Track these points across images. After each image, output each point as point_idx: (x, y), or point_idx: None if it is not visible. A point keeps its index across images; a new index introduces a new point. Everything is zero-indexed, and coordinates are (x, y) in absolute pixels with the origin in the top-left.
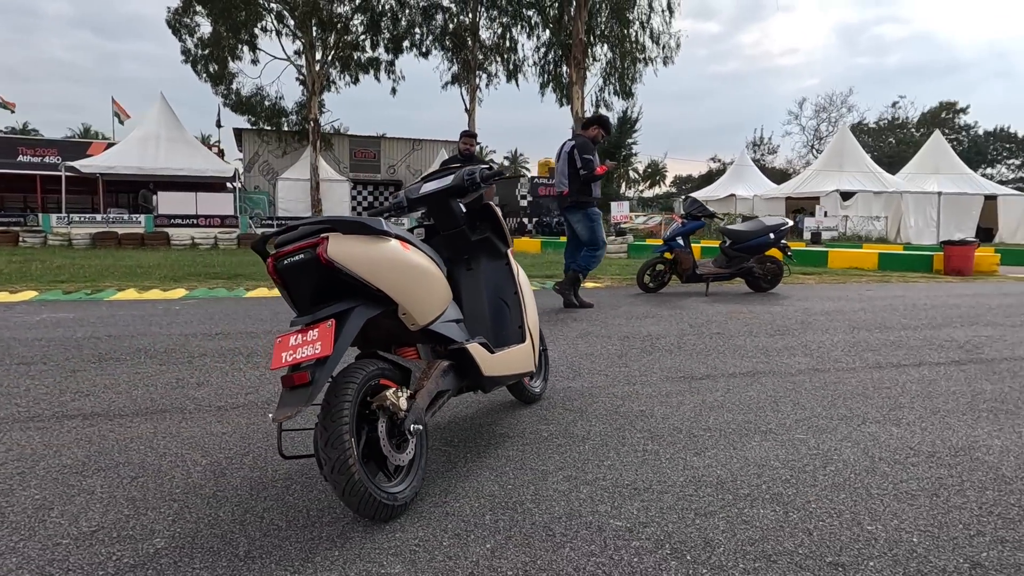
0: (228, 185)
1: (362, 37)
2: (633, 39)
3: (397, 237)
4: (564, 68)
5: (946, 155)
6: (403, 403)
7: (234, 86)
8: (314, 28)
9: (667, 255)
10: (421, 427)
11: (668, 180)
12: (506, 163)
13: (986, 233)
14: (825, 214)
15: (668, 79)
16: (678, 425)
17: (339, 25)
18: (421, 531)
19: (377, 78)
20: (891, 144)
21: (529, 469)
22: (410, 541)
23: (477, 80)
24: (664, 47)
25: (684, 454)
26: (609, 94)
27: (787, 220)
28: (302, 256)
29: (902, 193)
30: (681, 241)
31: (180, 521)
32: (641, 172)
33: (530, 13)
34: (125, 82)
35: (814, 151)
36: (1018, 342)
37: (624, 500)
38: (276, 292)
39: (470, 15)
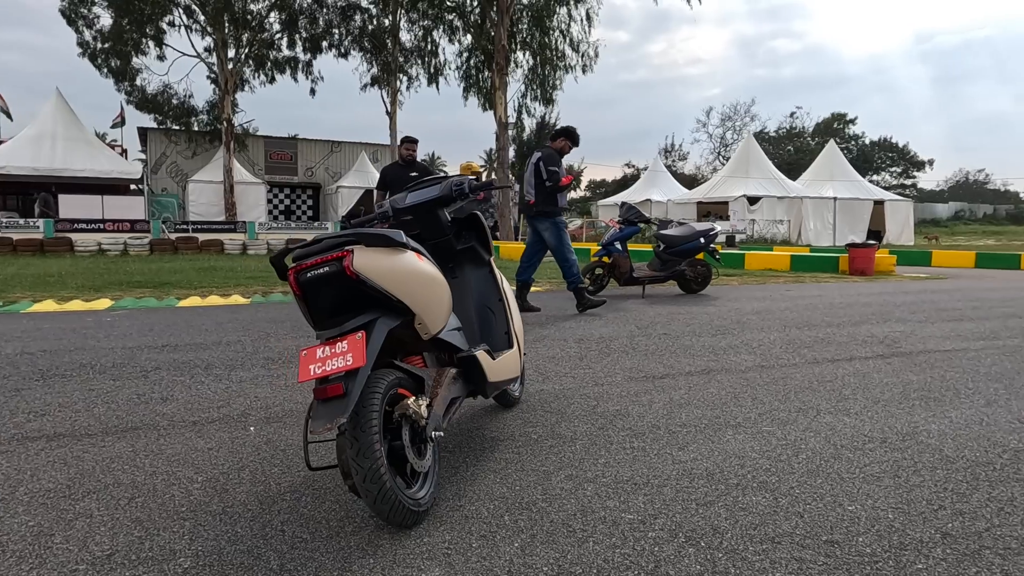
0: (133, 187)
1: (278, 35)
2: (553, 47)
3: (413, 249)
4: (487, 73)
5: (840, 163)
6: (424, 411)
7: (139, 82)
8: (227, 25)
9: (605, 259)
10: (441, 433)
11: (583, 184)
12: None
13: (875, 235)
14: (735, 217)
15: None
16: (655, 422)
17: (254, 23)
18: (447, 535)
19: (294, 78)
20: (789, 152)
21: (530, 470)
22: (439, 545)
23: (398, 83)
24: (583, 55)
25: (669, 449)
26: (531, 100)
27: (715, 225)
28: (327, 269)
29: (803, 198)
30: (619, 246)
31: (198, 540)
32: None
33: (451, 17)
34: (4, 75)
35: (721, 158)
36: (928, 336)
37: (628, 495)
38: (211, 301)
39: (390, 17)
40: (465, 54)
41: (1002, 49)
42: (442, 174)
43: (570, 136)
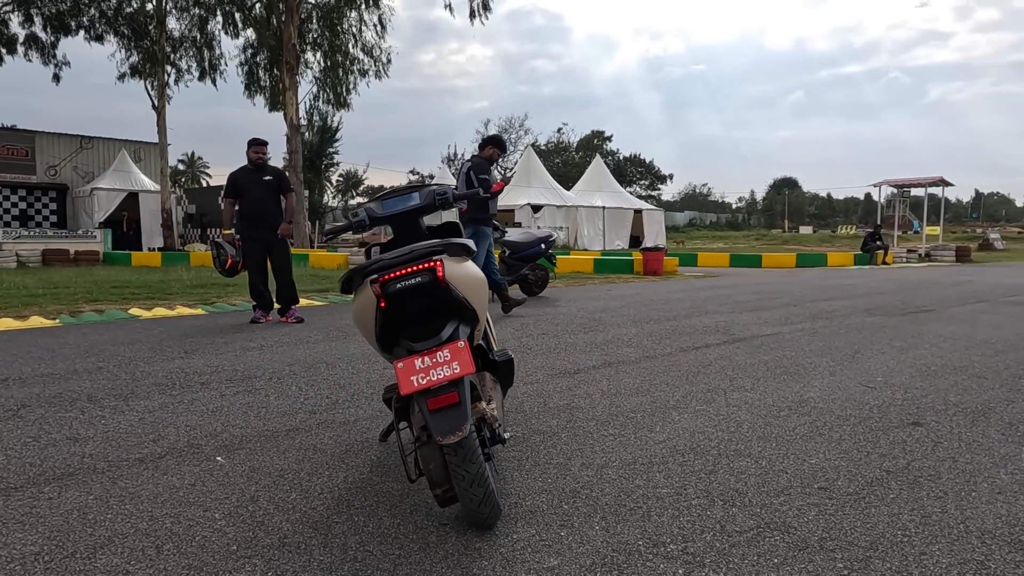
0: None
1: (7, 8)
2: (346, 50)
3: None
4: (275, 72)
5: (605, 175)
6: (497, 414)
7: None
8: None
9: None
10: (509, 434)
11: (360, 189)
12: (181, 167)
13: (635, 240)
14: (529, 223)
15: (361, 91)
16: (610, 412)
17: None
18: (529, 529)
19: (28, 58)
20: (558, 164)
21: (545, 463)
22: (533, 539)
23: (165, 75)
24: (377, 60)
25: (641, 432)
26: (323, 103)
27: (552, 232)
28: (419, 279)
29: (578, 207)
30: None
31: (293, 572)
32: (333, 182)
33: (230, 8)
34: None
35: (498, 168)
36: (745, 324)
37: (646, 473)
38: (6, 325)
39: (154, 0)
40: (250, 50)
41: (713, 83)
42: (417, 183)
43: (498, 144)
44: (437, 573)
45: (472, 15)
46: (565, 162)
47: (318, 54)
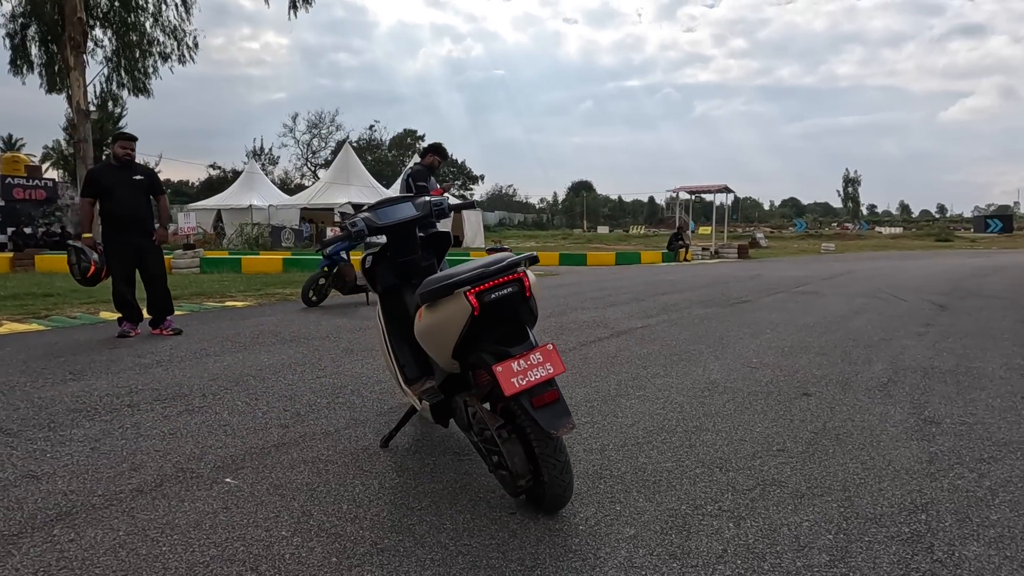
0: None
1: None
2: (143, 30)
3: None
4: (52, 47)
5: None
6: None
7: None
8: None
9: (325, 269)
10: None
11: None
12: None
13: (456, 240)
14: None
15: None
16: (574, 401)
17: None
18: (589, 508)
19: None
20: (370, 162)
21: (582, 450)
22: (598, 514)
23: None
24: (181, 43)
25: (607, 418)
26: (117, 87)
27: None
28: (510, 289)
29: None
30: (344, 255)
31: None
32: None
33: None
34: None
35: (309, 164)
36: (616, 319)
37: (644, 452)
38: None
39: None
40: (20, 19)
41: (512, 88)
42: (411, 193)
43: (438, 152)
44: (541, 554)
45: (293, 6)
46: (378, 160)
47: (108, 32)
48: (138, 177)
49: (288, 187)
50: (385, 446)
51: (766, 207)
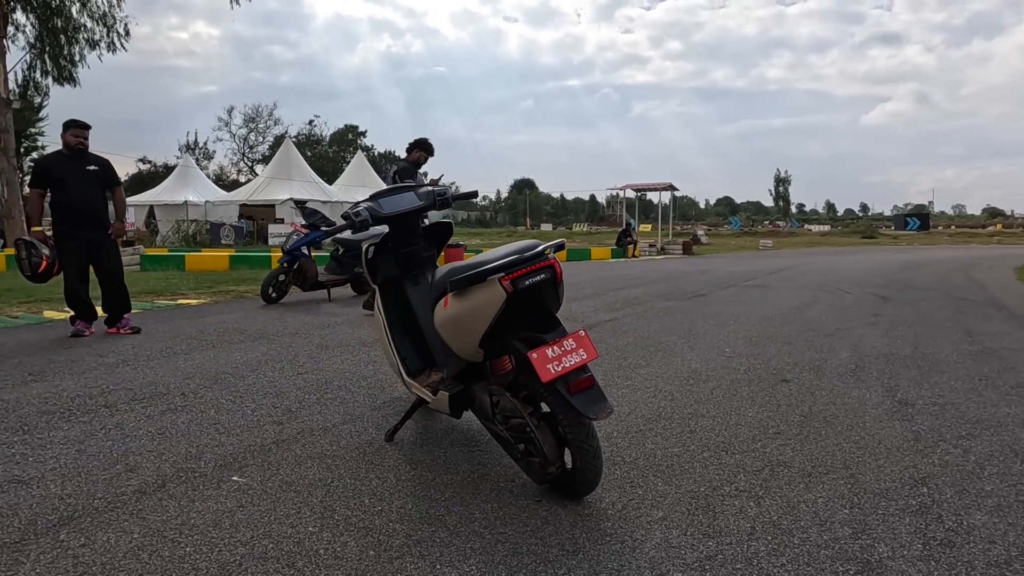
0: None
1: None
2: (68, 14)
3: None
4: None
5: (368, 171)
6: None
7: None
8: None
9: (286, 265)
10: None
11: None
12: None
13: None
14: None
15: None
16: None
17: None
18: (613, 493)
19: None
20: (309, 157)
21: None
22: (623, 498)
23: None
24: (111, 30)
25: (621, 407)
26: (41, 74)
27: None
28: (543, 276)
29: (342, 203)
30: (306, 251)
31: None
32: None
33: None
34: None
35: (246, 159)
36: (584, 312)
37: (649, 438)
38: None
39: None
40: None
41: (453, 85)
42: (407, 183)
43: (424, 147)
44: (579, 538)
45: None
46: (319, 156)
47: (29, 15)
48: (92, 168)
49: (224, 182)
50: (390, 440)
51: (702, 205)
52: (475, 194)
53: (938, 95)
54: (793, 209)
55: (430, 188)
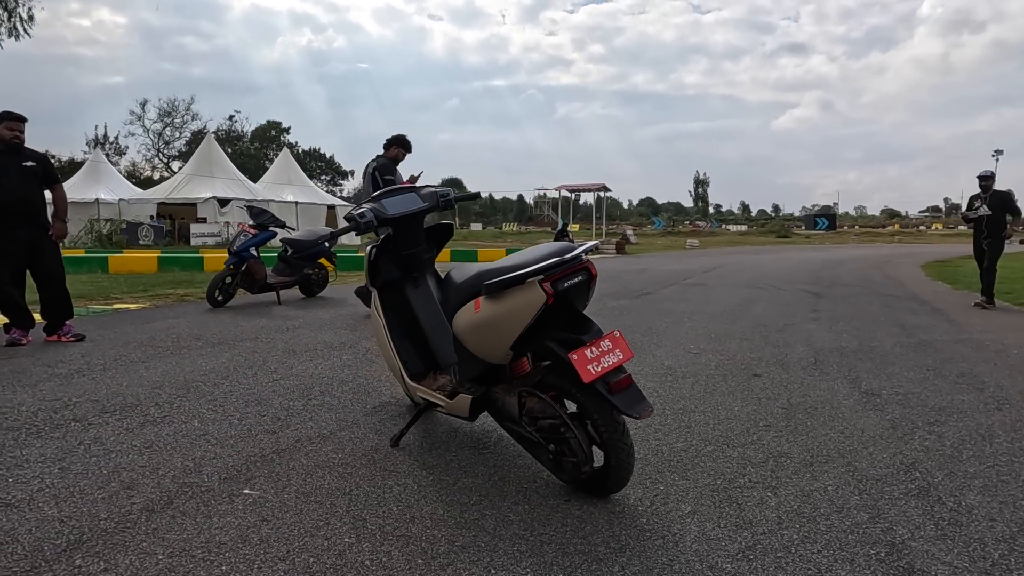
0: None
1: None
2: None
3: None
4: None
5: (294, 169)
6: None
7: None
8: None
9: (232, 267)
10: None
11: None
12: None
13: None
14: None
15: None
16: None
17: None
18: (638, 489)
19: None
20: (231, 154)
21: None
22: (648, 493)
23: None
24: (12, 14)
25: None
26: None
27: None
28: (581, 277)
29: (268, 201)
30: (254, 252)
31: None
32: None
33: None
34: None
35: (161, 155)
36: None
37: (652, 436)
38: None
39: None
40: None
41: (377, 82)
42: (407, 183)
43: (402, 144)
44: (621, 535)
45: None
46: (240, 152)
47: None
48: (29, 163)
49: (138, 179)
50: (396, 445)
51: (625, 206)
52: (477, 195)
53: (840, 103)
54: (712, 209)
55: (433, 189)
